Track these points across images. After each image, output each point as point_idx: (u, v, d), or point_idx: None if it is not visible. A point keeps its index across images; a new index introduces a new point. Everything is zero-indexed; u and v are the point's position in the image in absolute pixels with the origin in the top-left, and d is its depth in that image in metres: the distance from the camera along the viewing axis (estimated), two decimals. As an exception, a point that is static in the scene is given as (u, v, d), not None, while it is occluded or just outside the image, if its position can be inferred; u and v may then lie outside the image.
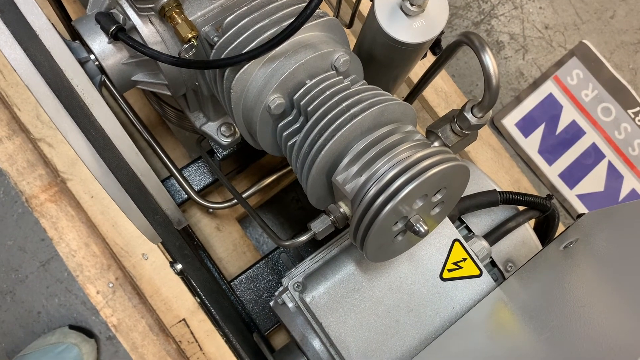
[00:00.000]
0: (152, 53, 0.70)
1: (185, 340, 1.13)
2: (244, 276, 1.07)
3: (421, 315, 0.74)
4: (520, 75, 1.58)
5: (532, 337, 0.62)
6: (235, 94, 0.69)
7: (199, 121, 0.95)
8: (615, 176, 1.55)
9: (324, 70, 0.69)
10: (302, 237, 0.64)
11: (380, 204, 0.59)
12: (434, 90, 1.30)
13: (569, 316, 0.60)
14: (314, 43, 0.68)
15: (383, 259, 0.69)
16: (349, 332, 0.72)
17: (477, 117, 0.64)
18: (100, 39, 0.78)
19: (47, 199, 1.10)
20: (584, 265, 0.68)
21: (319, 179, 0.65)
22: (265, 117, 0.69)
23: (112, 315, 1.09)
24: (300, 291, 0.74)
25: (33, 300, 1.28)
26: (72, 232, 1.10)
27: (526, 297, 0.72)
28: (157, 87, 0.85)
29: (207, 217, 1.19)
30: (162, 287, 1.14)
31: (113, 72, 0.80)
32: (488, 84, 0.58)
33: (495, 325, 0.70)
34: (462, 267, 0.76)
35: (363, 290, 0.74)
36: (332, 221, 0.65)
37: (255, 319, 1.06)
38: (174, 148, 1.20)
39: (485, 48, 0.58)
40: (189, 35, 0.69)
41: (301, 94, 0.66)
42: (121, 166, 0.61)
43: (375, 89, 0.67)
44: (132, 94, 1.19)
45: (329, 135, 0.63)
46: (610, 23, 1.63)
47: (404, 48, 0.69)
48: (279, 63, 0.67)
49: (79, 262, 1.10)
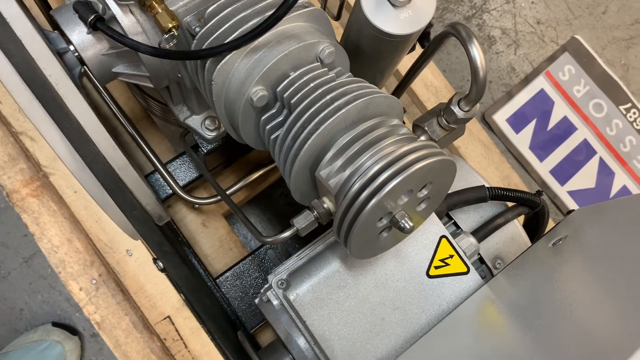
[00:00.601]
0: (131, 43, 0.68)
1: (170, 337, 1.11)
2: (230, 273, 1.06)
3: (407, 313, 0.72)
4: (512, 70, 1.57)
5: (518, 335, 0.61)
6: (216, 85, 0.67)
7: (183, 114, 0.93)
8: (606, 172, 1.54)
9: (309, 61, 0.67)
10: (284, 234, 0.63)
11: (364, 199, 0.57)
12: (424, 85, 1.29)
13: (556, 315, 0.59)
14: (298, 34, 0.66)
15: (368, 256, 0.67)
16: (333, 330, 0.71)
17: (464, 111, 0.62)
18: (79, 29, 0.76)
19: (28, 193, 1.08)
20: (573, 263, 0.66)
21: (302, 173, 0.63)
22: (248, 109, 0.67)
23: (95, 312, 1.07)
24: (284, 288, 0.73)
25: (15, 297, 1.25)
26: (54, 227, 1.08)
27: (514, 294, 0.70)
28: (138, 79, 0.82)
29: (193, 213, 1.17)
30: (146, 284, 1.12)
31: (93, 63, 0.78)
32: (475, 76, 0.57)
33: (482, 324, 0.69)
34: (449, 264, 0.74)
35: (348, 288, 0.72)
36: (316, 217, 0.63)
37: (241, 317, 1.04)
38: (159, 142, 1.18)
39: (473, 39, 0.56)
40: (169, 25, 0.67)
41: (284, 86, 0.65)
42: (97, 160, 0.59)
43: (361, 81, 0.66)
44: (116, 88, 1.16)
45: (312, 129, 0.61)
46: (602, 18, 1.62)
47: (390, 40, 0.67)
48: (262, 54, 0.65)
49: (62, 258, 1.07)
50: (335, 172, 0.61)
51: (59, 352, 1.18)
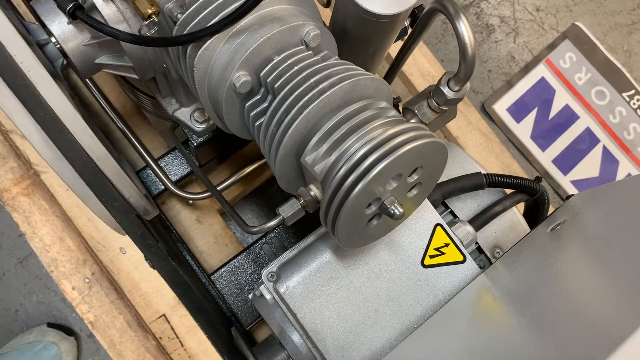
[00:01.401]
0: (110, 31, 0.66)
1: (166, 336, 1.09)
2: (225, 269, 1.04)
3: (402, 304, 0.70)
4: (512, 59, 1.54)
5: (513, 323, 0.59)
6: (198, 72, 0.65)
7: (172, 107, 0.91)
8: (610, 161, 1.51)
9: (293, 45, 0.65)
10: (270, 223, 0.60)
11: (350, 183, 0.55)
12: (421, 74, 1.26)
13: (552, 300, 0.56)
14: (281, 16, 0.64)
15: (359, 245, 0.65)
16: (325, 323, 0.69)
17: (454, 91, 0.60)
18: (59, 20, 0.74)
19: (19, 192, 1.06)
20: (571, 247, 0.64)
21: (288, 160, 0.61)
22: (232, 96, 0.65)
23: (89, 312, 1.05)
24: (275, 281, 0.70)
25: (11, 298, 1.24)
26: (45, 226, 1.06)
27: (511, 282, 0.68)
28: (123, 70, 0.80)
29: (187, 209, 1.15)
30: (141, 282, 1.10)
31: (75, 54, 0.76)
32: (463, 53, 0.54)
33: (478, 313, 0.66)
34: (444, 253, 0.72)
35: (340, 279, 0.70)
36: (302, 205, 0.61)
37: (237, 313, 1.02)
38: (152, 138, 1.16)
39: (460, 15, 0.54)
40: (149, 11, 0.64)
41: (268, 70, 0.62)
42: (74, 149, 0.57)
43: (347, 64, 0.63)
44: (107, 83, 1.15)
45: (296, 113, 0.59)
46: (603, 4, 1.59)
47: (377, 20, 0.65)
48: (244, 38, 0.63)
49: (54, 257, 1.06)
50: (321, 157, 0.58)
51: (55, 353, 1.16)
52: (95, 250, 1.09)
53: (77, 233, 1.08)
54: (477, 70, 1.51)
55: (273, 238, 1.07)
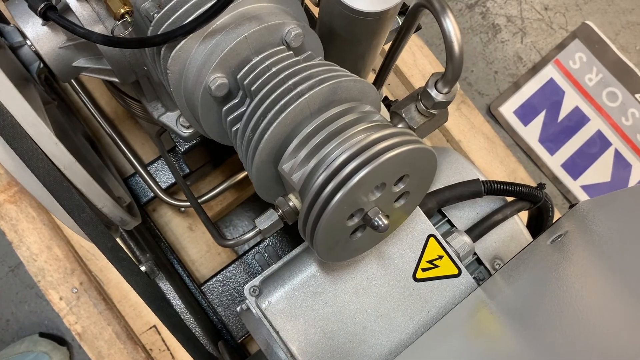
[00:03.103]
0: (82, 32, 0.62)
1: (157, 348, 1.06)
2: (216, 279, 1.00)
3: (392, 320, 0.65)
4: (519, 59, 1.48)
5: (510, 341, 0.54)
6: (172, 74, 0.61)
7: (157, 111, 0.88)
8: (622, 165, 1.45)
9: (273, 45, 0.61)
10: (245, 235, 0.57)
11: (329, 192, 0.51)
12: (422, 76, 1.22)
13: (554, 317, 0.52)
14: (260, 15, 0.60)
15: (342, 259, 0.60)
16: (310, 341, 0.64)
17: (442, 93, 0.55)
18: (33, 21, 0.71)
19: (6, 199, 1.04)
20: (577, 259, 0.59)
21: (265, 168, 0.57)
22: (208, 100, 0.61)
23: (77, 323, 1.02)
24: (257, 296, 0.66)
25: (1, 307, 1.21)
26: (32, 234, 1.03)
27: (510, 296, 0.63)
28: (102, 73, 0.77)
29: (179, 217, 1.11)
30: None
31: (51, 57, 0.73)
32: (450, 52, 0.50)
33: (474, 330, 0.61)
34: (438, 266, 0.67)
35: (326, 294, 0.66)
36: (280, 216, 0.57)
37: (228, 325, 0.98)
38: (144, 143, 1.13)
39: (446, 10, 0.49)
40: (121, 11, 0.61)
41: (245, 72, 0.59)
42: (37, 157, 0.53)
43: (330, 64, 0.59)
44: (96, 88, 1.12)
45: (273, 117, 0.55)
46: (614, 2, 1.53)
47: (364, 19, 0.61)
48: (220, 38, 0.59)
49: (41, 266, 1.03)
50: (299, 164, 0.54)
51: (46, 364, 1.14)
52: (85, 259, 1.06)
53: (65, 241, 1.05)
54: (483, 72, 1.46)
55: (267, 247, 1.03)
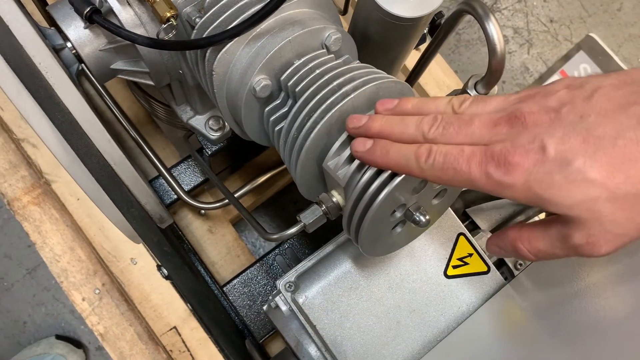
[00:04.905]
0: (127, 35, 0.65)
1: (177, 349, 1.07)
2: (237, 280, 1.01)
3: (424, 316, 0.67)
4: (526, 70, 1.52)
5: (546, 338, 0.56)
6: (217, 76, 0.64)
7: (186, 115, 0.90)
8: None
9: (314, 49, 0.63)
10: (290, 230, 0.59)
11: (375, 189, 0.53)
12: (436, 85, 1.25)
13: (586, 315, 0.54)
14: (302, 20, 0.63)
15: (381, 254, 0.63)
16: (345, 335, 0.66)
17: (481, 94, 0.58)
18: (75, 24, 0.73)
19: (30, 201, 1.05)
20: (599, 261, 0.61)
21: (309, 165, 0.59)
22: (251, 100, 0.63)
23: (99, 323, 1.03)
24: (292, 291, 0.68)
25: (19, 309, 1.22)
26: (56, 235, 1.05)
27: (538, 294, 0.65)
28: (138, 75, 0.79)
29: (199, 220, 1.13)
30: (151, 294, 1.08)
31: (91, 60, 0.75)
32: (493, 54, 0.53)
33: (506, 326, 0.64)
34: (468, 264, 0.69)
35: (361, 290, 0.68)
36: (324, 212, 0.59)
37: (250, 326, 1.00)
38: (164, 147, 1.15)
39: (489, 16, 0.52)
40: (167, 14, 0.63)
41: (289, 74, 0.61)
42: (91, 153, 0.55)
43: (370, 67, 0.62)
44: (119, 91, 1.14)
45: (319, 117, 0.57)
46: (617, 15, 1.58)
47: (400, 24, 0.64)
48: (265, 41, 0.62)
49: (64, 267, 1.04)
50: (344, 162, 0.56)
51: (63, 366, 1.14)
52: (106, 261, 1.08)
53: (87, 243, 1.06)
54: (490, 82, 1.49)
55: (287, 249, 1.05)
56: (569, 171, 0.39)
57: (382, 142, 0.50)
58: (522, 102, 0.43)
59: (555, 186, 0.40)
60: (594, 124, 0.39)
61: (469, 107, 0.46)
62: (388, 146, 0.49)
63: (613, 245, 0.42)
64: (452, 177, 0.45)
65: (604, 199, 0.39)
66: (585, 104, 0.41)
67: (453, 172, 0.44)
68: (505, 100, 0.45)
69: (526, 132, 0.41)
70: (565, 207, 0.40)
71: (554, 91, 0.43)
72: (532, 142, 0.41)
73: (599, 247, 0.42)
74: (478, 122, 0.44)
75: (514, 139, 0.41)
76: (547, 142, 0.40)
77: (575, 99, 0.41)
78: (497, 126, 0.43)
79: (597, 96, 0.41)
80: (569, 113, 0.41)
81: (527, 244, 0.48)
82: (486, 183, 0.43)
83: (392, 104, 0.52)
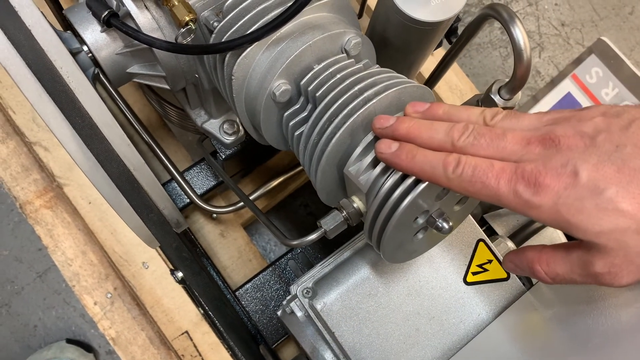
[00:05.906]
0: (145, 39, 0.64)
1: (188, 354, 1.06)
2: (250, 285, 1.01)
3: (444, 323, 0.67)
4: (537, 73, 1.51)
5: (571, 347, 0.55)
6: (236, 80, 0.63)
7: (201, 118, 0.90)
8: (639, 178, 1.47)
9: (334, 53, 0.63)
10: (311, 236, 0.58)
11: (398, 196, 0.52)
12: (448, 88, 1.24)
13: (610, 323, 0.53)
14: (322, 24, 0.63)
15: (402, 260, 0.62)
16: (364, 342, 0.66)
17: (504, 99, 0.57)
18: (92, 28, 0.73)
19: (42, 204, 1.05)
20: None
21: (329, 171, 0.59)
22: (270, 105, 0.63)
23: (111, 328, 1.03)
24: (310, 297, 0.68)
25: (29, 313, 1.22)
26: (68, 239, 1.04)
27: (559, 302, 0.64)
28: (154, 79, 0.79)
29: (211, 223, 1.12)
30: (163, 298, 1.07)
31: (107, 63, 0.75)
32: (519, 59, 0.52)
33: (527, 334, 0.63)
34: (487, 270, 0.69)
35: (379, 296, 0.67)
36: (345, 217, 0.58)
37: (262, 331, 0.99)
38: (176, 151, 1.15)
39: (515, 20, 0.52)
40: (186, 18, 0.63)
41: (309, 79, 0.61)
42: (111, 158, 0.55)
43: (390, 72, 0.61)
44: (132, 95, 1.14)
45: (340, 122, 0.56)
46: (629, 19, 1.57)
47: (420, 28, 0.63)
48: (285, 45, 0.61)
49: (76, 271, 1.03)
50: (365, 168, 0.56)
51: (74, 370, 1.14)
52: (118, 265, 1.07)
53: (99, 247, 1.06)
54: (501, 85, 1.49)
55: (299, 253, 1.05)
56: (600, 199, 0.39)
57: (408, 146, 0.49)
58: (557, 124, 0.43)
59: (585, 212, 0.39)
60: (630, 155, 0.39)
61: (501, 120, 0.46)
62: (414, 150, 0.48)
63: (635, 277, 0.42)
64: (479, 190, 0.44)
65: (633, 230, 0.39)
66: (622, 134, 0.40)
67: (481, 186, 0.44)
68: (539, 119, 0.44)
69: (559, 155, 0.41)
70: (592, 234, 0.40)
71: (589, 117, 0.42)
72: (565, 165, 0.40)
73: (620, 278, 0.42)
74: (511, 137, 0.44)
75: (546, 160, 0.41)
76: (580, 168, 0.40)
77: (611, 128, 0.41)
78: (530, 145, 0.43)
79: (634, 127, 0.40)
80: (604, 141, 0.40)
81: (546, 267, 0.48)
82: (513, 200, 0.42)
83: (423, 107, 0.51)
